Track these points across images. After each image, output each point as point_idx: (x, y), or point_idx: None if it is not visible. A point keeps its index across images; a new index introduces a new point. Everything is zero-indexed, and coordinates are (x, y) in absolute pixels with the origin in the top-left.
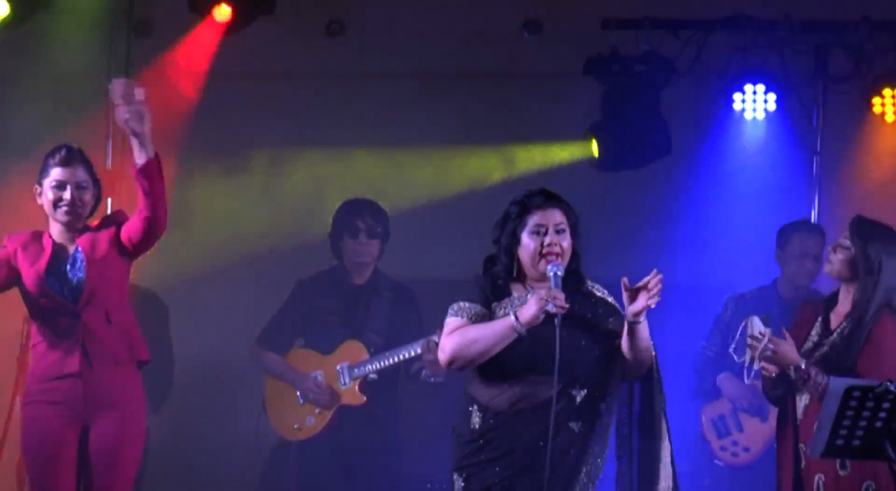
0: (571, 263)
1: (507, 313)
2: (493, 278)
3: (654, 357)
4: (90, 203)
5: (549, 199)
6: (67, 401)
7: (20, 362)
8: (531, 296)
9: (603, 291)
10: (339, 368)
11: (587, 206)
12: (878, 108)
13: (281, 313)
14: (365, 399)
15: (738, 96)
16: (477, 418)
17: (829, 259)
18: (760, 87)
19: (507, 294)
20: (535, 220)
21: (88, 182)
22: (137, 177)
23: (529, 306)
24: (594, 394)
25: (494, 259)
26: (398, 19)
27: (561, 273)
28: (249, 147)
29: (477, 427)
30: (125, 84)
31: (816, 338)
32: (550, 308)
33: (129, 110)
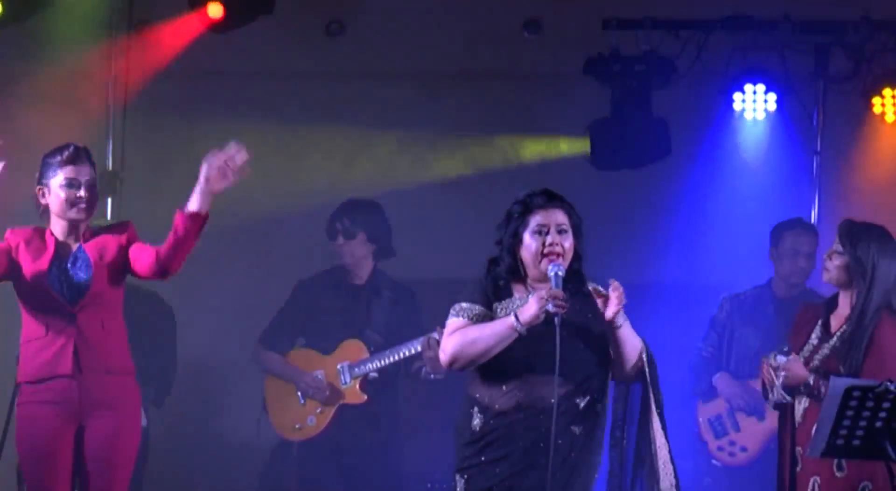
0: (573, 263)
1: (508, 314)
2: (494, 279)
3: (645, 357)
4: (97, 202)
5: (551, 200)
6: (62, 400)
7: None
8: (532, 296)
9: (604, 290)
10: (339, 367)
11: (587, 206)
12: (878, 108)
13: (281, 313)
14: (366, 398)
15: (738, 96)
16: (478, 420)
17: (825, 267)
18: (760, 87)
19: (508, 295)
20: (537, 220)
21: (95, 180)
22: (180, 220)
23: (530, 306)
24: (595, 396)
25: (497, 260)
26: (398, 19)
27: (562, 273)
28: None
29: (478, 428)
30: (242, 150)
31: (816, 341)
32: (550, 308)
33: (226, 166)
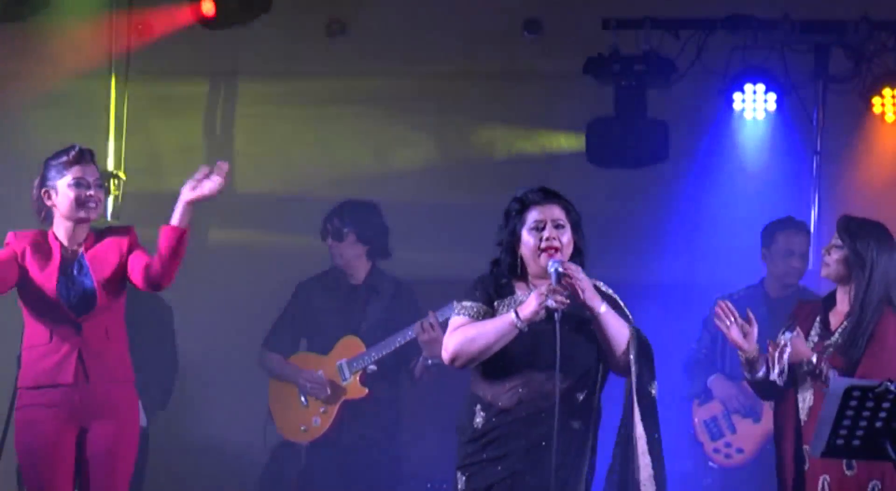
0: (574, 258)
1: (509, 311)
2: (496, 277)
3: (633, 344)
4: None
5: (548, 196)
6: (62, 404)
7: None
8: (532, 292)
9: (606, 287)
10: (338, 364)
11: (587, 206)
12: (878, 108)
13: (283, 316)
14: (367, 392)
15: (738, 96)
16: (480, 418)
17: (824, 262)
18: (760, 87)
19: (510, 292)
20: (534, 216)
21: (101, 179)
22: (162, 236)
23: (530, 302)
24: (594, 391)
25: (499, 261)
26: (398, 19)
27: (562, 269)
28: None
29: (480, 426)
30: (224, 167)
31: (816, 338)
32: (550, 304)
33: (217, 187)
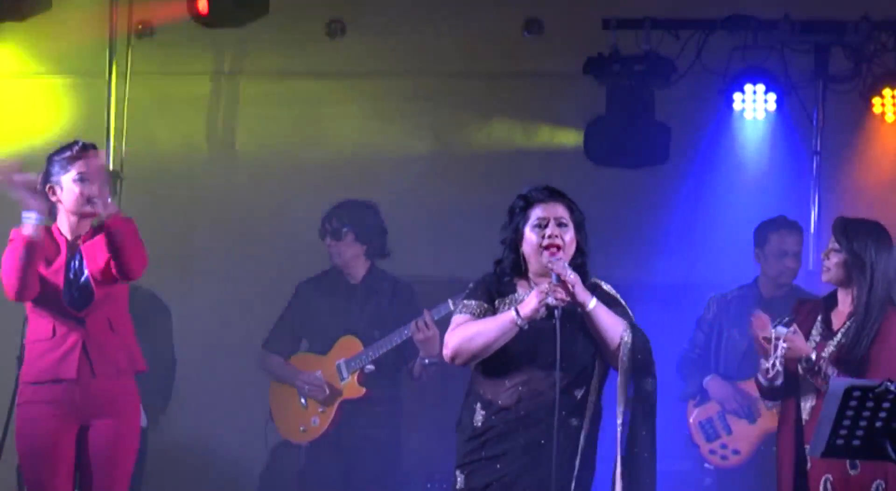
0: (576, 258)
1: (510, 309)
2: (498, 275)
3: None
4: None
5: (552, 194)
6: (64, 401)
7: (21, 361)
8: (533, 290)
9: (608, 286)
10: (336, 364)
11: (587, 206)
12: (878, 108)
13: (282, 317)
14: (364, 391)
15: (738, 96)
16: (480, 416)
17: (825, 267)
18: (760, 87)
19: (512, 291)
20: (537, 214)
21: (106, 174)
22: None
23: (530, 300)
24: (592, 389)
25: (502, 260)
26: (398, 19)
27: (551, 266)
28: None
29: (479, 424)
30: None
31: (819, 338)
32: (551, 301)
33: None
